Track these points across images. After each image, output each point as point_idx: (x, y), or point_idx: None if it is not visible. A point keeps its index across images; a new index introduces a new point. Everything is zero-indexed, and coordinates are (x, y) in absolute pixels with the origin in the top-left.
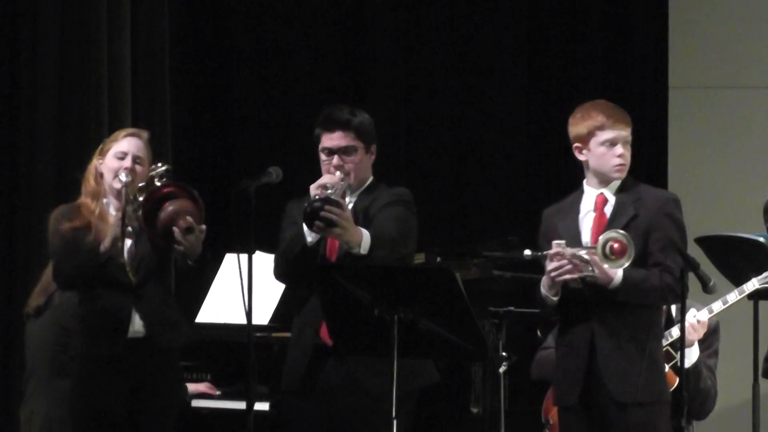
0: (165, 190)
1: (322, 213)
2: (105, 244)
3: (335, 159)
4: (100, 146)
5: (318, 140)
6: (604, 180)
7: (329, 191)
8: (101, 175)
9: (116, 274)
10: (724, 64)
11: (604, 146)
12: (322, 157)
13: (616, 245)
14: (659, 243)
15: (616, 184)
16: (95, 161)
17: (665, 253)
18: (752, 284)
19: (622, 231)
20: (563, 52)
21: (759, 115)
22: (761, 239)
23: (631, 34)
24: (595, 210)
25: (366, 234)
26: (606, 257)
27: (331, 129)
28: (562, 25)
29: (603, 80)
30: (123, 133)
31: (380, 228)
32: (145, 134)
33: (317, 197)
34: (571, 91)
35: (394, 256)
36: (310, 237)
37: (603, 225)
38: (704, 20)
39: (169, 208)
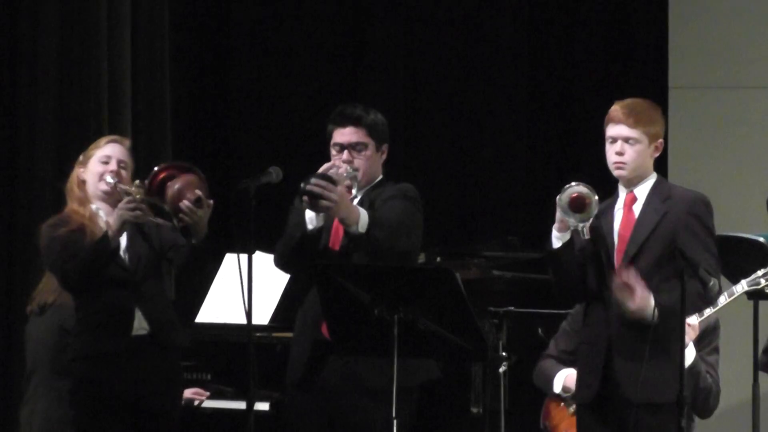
0: (163, 173)
1: (308, 186)
2: (113, 227)
3: (345, 154)
4: (81, 156)
5: (330, 136)
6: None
7: None
8: (83, 182)
9: (118, 273)
10: (724, 64)
11: (607, 141)
12: (333, 152)
13: (579, 200)
14: (691, 244)
15: (649, 184)
16: (77, 170)
17: (699, 255)
18: (741, 287)
19: (582, 183)
20: (563, 52)
21: (759, 115)
22: (761, 239)
23: (631, 34)
24: (624, 208)
25: (363, 213)
26: (566, 212)
27: (342, 124)
28: (562, 25)
29: (603, 80)
30: (105, 139)
31: (381, 213)
32: (127, 141)
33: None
34: (571, 91)
35: (393, 243)
36: (310, 225)
37: (631, 223)
38: (704, 20)
39: (176, 185)
